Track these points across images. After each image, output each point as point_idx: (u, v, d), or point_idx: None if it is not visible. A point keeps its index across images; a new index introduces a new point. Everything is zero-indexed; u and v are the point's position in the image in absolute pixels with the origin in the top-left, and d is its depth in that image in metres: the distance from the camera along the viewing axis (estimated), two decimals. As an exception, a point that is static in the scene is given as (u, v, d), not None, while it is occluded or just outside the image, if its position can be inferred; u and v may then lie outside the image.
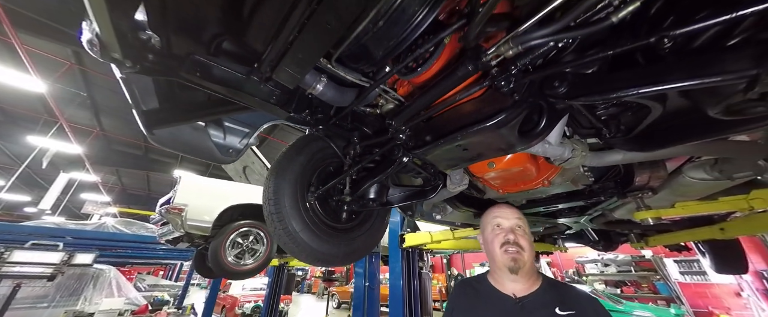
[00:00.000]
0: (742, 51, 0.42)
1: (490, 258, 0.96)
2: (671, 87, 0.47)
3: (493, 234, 0.95)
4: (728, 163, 1.01)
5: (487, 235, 0.98)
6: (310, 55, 0.64)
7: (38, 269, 3.44)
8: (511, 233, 0.92)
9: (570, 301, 0.82)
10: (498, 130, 0.71)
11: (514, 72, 0.64)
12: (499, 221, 0.96)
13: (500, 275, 0.92)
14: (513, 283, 0.90)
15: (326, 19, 0.54)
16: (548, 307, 0.81)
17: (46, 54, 7.09)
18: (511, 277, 0.89)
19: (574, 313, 0.78)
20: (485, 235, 0.99)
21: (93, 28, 0.57)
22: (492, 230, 0.96)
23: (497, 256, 0.91)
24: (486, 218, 1.01)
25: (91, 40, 0.58)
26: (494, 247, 0.93)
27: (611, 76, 0.58)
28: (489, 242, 0.95)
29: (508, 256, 0.89)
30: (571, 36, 0.50)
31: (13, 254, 3.31)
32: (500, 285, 0.92)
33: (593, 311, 0.80)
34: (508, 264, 0.88)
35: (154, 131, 1.01)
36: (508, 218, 0.96)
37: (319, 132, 1.10)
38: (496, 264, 0.92)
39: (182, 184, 3.03)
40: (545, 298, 0.85)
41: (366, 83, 0.80)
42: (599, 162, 0.94)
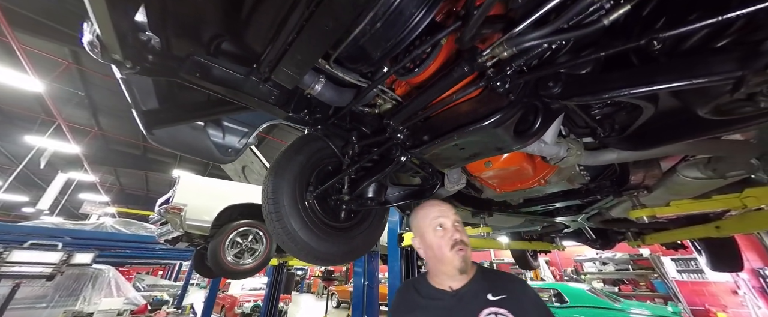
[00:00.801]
0: (729, 53, 0.43)
1: (436, 261, 0.92)
2: (661, 88, 0.48)
3: (438, 237, 0.92)
4: (721, 162, 1.03)
5: (430, 239, 0.93)
6: (309, 57, 0.65)
7: (37, 269, 3.44)
8: (456, 231, 0.91)
9: (501, 286, 0.86)
10: (494, 130, 0.72)
11: (510, 73, 0.65)
12: (441, 221, 0.94)
13: (446, 276, 0.90)
14: (454, 279, 0.90)
15: (324, 22, 0.55)
16: (481, 295, 0.84)
17: (43, 53, 7.06)
18: (458, 276, 0.89)
19: (505, 297, 0.82)
20: (428, 239, 0.94)
21: (94, 30, 0.58)
22: (435, 231, 0.93)
23: (448, 258, 0.89)
24: (424, 221, 0.96)
25: (91, 42, 0.59)
26: (444, 251, 0.89)
27: (604, 77, 0.59)
28: (436, 246, 0.91)
29: (459, 256, 0.88)
30: (565, 38, 0.51)
31: (12, 254, 3.31)
32: (440, 283, 0.91)
33: (522, 292, 0.85)
34: (460, 265, 0.87)
35: (153, 131, 1.02)
36: (448, 215, 0.94)
37: (317, 132, 1.11)
38: (445, 267, 0.90)
39: (181, 184, 3.03)
40: (478, 287, 0.87)
41: (364, 84, 0.81)
42: (594, 161, 0.96)
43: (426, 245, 0.95)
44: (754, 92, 0.48)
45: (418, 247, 1.00)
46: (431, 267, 0.96)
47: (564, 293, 6.22)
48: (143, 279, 10.46)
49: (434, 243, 0.92)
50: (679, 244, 2.96)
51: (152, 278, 12.40)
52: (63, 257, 3.62)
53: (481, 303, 0.82)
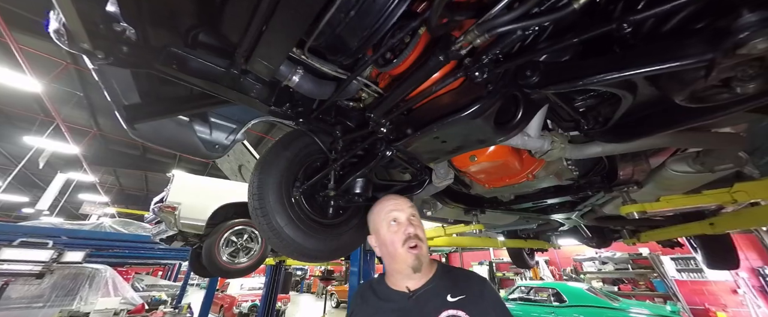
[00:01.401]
0: (699, 36, 0.42)
1: (389, 258, 0.87)
2: (633, 73, 0.47)
3: (391, 232, 0.86)
4: (709, 156, 1.01)
5: (384, 235, 0.87)
6: (282, 45, 0.64)
7: (27, 267, 3.42)
8: (409, 225, 0.86)
9: (461, 286, 0.81)
10: (473, 120, 0.71)
11: (486, 62, 0.64)
12: (395, 215, 0.88)
13: (401, 275, 0.85)
14: (411, 279, 0.84)
15: (294, 6, 0.54)
16: (440, 296, 0.79)
17: (41, 54, 7.06)
18: (413, 275, 0.84)
19: (465, 297, 0.77)
20: (382, 235, 0.88)
21: (60, 18, 0.57)
22: (389, 227, 0.87)
23: (401, 256, 0.83)
24: (378, 216, 0.91)
25: (58, 30, 0.58)
26: (396, 247, 0.84)
27: (580, 64, 0.58)
28: (389, 242, 0.86)
29: (412, 254, 0.83)
30: (536, 23, 0.50)
31: (1, 252, 3.29)
32: (395, 283, 0.86)
33: (481, 292, 0.80)
34: (413, 263, 0.82)
35: (135, 125, 1.01)
36: (403, 209, 0.89)
37: (301, 126, 1.10)
38: (398, 265, 0.84)
39: (175, 182, 3.03)
40: (437, 287, 0.82)
41: (343, 75, 0.80)
42: (579, 154, 0.94)
43: (380, 241, 0.90)
44: (730, 77, 0.47)
45: (374, 246, 0.93)
46: (387, 266, 0.90)
47: (563, 292, 6.20)
48: (142, 280, 10.46)
49: (387, 239, 0.86)
50: (675, 242, 2.95)
51: (152, 278, 12.39)
52: (53, 255, 3.59)
53: (439, 304, 0.77)
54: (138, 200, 18.71)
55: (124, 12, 0.69)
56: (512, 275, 11.63)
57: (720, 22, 0.42)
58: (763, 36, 0.36)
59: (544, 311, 6.13)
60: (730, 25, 0.38)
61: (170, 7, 0.71)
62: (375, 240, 0.93)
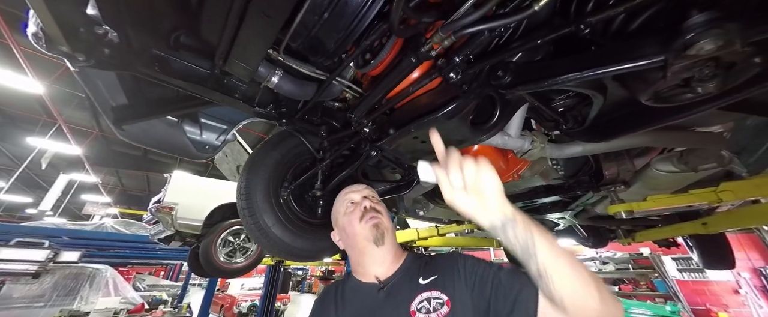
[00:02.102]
0: (653, 37, 0.43)
1: (351, 244, 0.82)
2: (593, 74, 0.47)
3: (348, 213, 0.83)
4: (693, 155, 1.02)
5: (341, 219, 0.84)
6: (257, 47, 0.65)
7: (23, 266, 3.47)
8: (365, 200, 0.83)
9: (432, 267, 0.75)
10: (448, 121, 0.72)
11: (458, 62, 0.64)
12: (350, 197, 0.86)
13: (368, 261, 0.79)
14: (379, 264, 0.78)
15: (263, 9, 0.55)
16: (412, 281, 0.73)
17: (43, 55, 7.12)
18: (377, 253, 0.78)
19: (437, 277, 0.71)
20: (340, 222, 0.85)
21: (37, 21, 0.58)
22: (346, 210, 0.84)
23: (358, 232, 0.79)
24: (336, 206, 0.89)
25: (36, 33, 0.59)
26: (353, 226, 0.80)
27: (548, 65, 0.59)
28: (347, 224, 0.82)
29: (369, 225, 0.78)
30: (498, 24, 0.50)
31: None
32: (364, 274, 0.79)
33: (453, 266, 0.72)
34: (372, 234, 0.77)
35: (123, 126, 1.02)
36: (358, 190, 0.87)
37: (286, 127, 1.11)
38: (359, 245, 0.79)
39: (172, 183, 3.05)
40: (408, 272, 0.76)
41: (322, 76, 0.81)
42: (560, 154, 0.95)
43: (340, 229, 0.85)
44: (689, 77, 0.47)
45: (337, 240, 0.89)
46: (352, 259, 0.84)
47: (562, 292, 6.18)
48: (144, 279, 10.52)
49: (345, 222, 0.82)
50: (672, 242, 2.93)
51: (153, 278, 12.46)
52: (49, 254, 3.64)
53: (411, 291, 0.70)
54: (140, 200, 18.82)
55: (104, 15, 0.70)
56: (512, 275, 11.59)
57: (674, 22, 0.43)
58: (710, 36, 0.36)
59: (543, 311, 6.10)
60: (680, 26, 0.39)
61: (149, 10, 0.72)
62: (337, 231, 0.88)
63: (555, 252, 0.51)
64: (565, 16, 0.53)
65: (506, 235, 0.54)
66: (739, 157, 1.20)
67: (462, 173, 0.54)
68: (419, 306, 0.66)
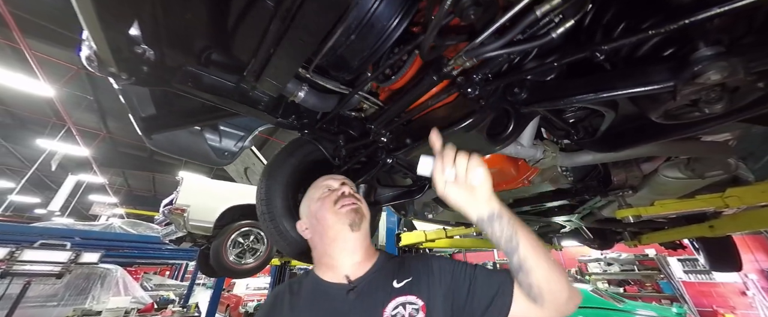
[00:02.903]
0: (665, 64, 0.47)
1: (321, 231, 0.74)
2: (607, 96, 0.51)
3: (322, 198, 0.76)
4: (700, 162, 1.05)
5: (314, 206, 0.76)
6: (289, 67, 0.69)
7: (47, 267, 3.58)
8: (344, 186, 0.78)
9: (406, 268, 0.70)
10: (466, 133, 0.76)
11: (477, 80, 0.69)
12: (328, 183, 0.80)
13: (337, 244, 0.72)
14: (350, 254, 0.71)
15: (299, 35, 0.60)
16: (387, 283, 0.67)
17: (53, 60, 7.27)
18: (350, 239, 0.71)
19: (411, 279, 0.67)
20: (312, 208, 0.77)
21: (90, 46, 0.63)
22: (321, 195, 0.77)
23: (331, 216, 0.72)
24: (309, 193, 0.82)
25: (89, 57, 0.65)
26: (326, 210, 0.73)
27: (564, 84, 0.63)
28: (319, 209, 0.75)
29: (346, 209, 0.72)
30: (519, 50, 0.55)
31: (23, 253, 3.45)
32: (331, 268, 0.71)
33: (427, 267, 0.69)
34: (349, 218, 0.71)
35: (152, 136, 1.08)
36: (337, 178, 0.82)
37: (306, 136, 1.16)
38: (331, 231, 0.72)
39: (185, 185, 3.12)
40: (382, 273, 0.70)
41: (345, 91, 0.86)
42: (571, 162, 0.99)
43: (309, 215, 0.77)
44: (697, 99, 0.51)
45: (304, 229, 0.80)
46: (317, 251, 0.76)
47: (567, 293, 6.17)
48: (151, 279, 10.67)
49: (317, 207, 0.75)
50: (678, 244, 2.95)
51: (159, 278, 12.62)
52: (71, 256, 3.75)
53: (385, 295, 0.64)
54: (146, 201, 19.04)
55: (144, 35, 0.75)
56: (516, 276, 11.57)
57: (683, 51, 0.47)
58: (716, 68, 0.40)
59: (548, 312, 6.10)
60: (689, 58, 0.43)
61: (187, 30, 0.77)
62: (305, 221, 0.80)
63: (535, 246, 0.56)
64: (580, 42, 0.57)
65: (492, 228, 0.57)
66: (745, 163, 1.23)
67: (455, 167, 0.57)
68: (394, 312, 0.61)
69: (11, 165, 14.15)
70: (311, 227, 0.78)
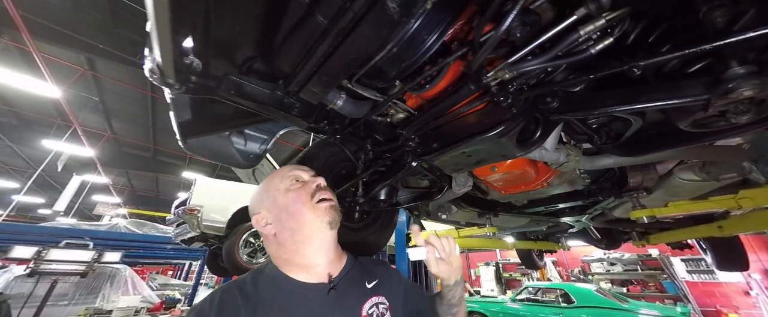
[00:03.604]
0: (698, 79, 0.51)
1: (294, 228, 0.68)
2: (641, 107, 0.56)
3: (293, 190, 0.71)
4: (714, 165, 1.09)
5: (282, 199, 0.70)
6: (334, 79, 0.74)
7: (72, 266, 3.65)
8: (316, 178, 0.75)
9: (371, 270, 0.77)
10: (499, 139, 0.80)
11: (512, 90, 0.73)
12: (297, 173, 0.76)
13: (312, 243, 0.68)
14: (326, 252, 0.70)
15: (349, 51, 0.64)
16: (360, 284, 0.70)
17: (61, 61, 7.34)
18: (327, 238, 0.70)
19: (378, 281, 0.73)
20: (280, 200, 0.70)
21: (154, 59, 0.68)
22: (290, 187, 0.72)
23: (309, 214, 0.68)
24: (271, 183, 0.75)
25: (152, 69, 0.69)
26: (302, 206, 0.68)
27: (595, 95, 0.67)
28: (292, 203, 0.69)
29: (325, 205, 0.70)
30: (558, 64, 0.59)
31: (49, 252, 3.53)
32: (303, 268, 0.67)
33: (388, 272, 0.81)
34: (329, 215, 0.69)
35: (187, 140, 1.12)
36: (306, 170, 0.79)
37: (336, 141, 1.20)
38: (306, 229, 0.68)
39: (198, 186, 3.17)
40: (355, 274, 0.72)
41: (380, 98, 0.90)
42: (592, 166, 1.03)
43: (277, 209, 0.69)
44: (725, 110, 0.55)
45: (265, 224, 0.70)
46: (284, 248, 0.69)
47: (571, 293, 6.21)
48: (155, 279, 10.74)
49: (289, 200, 0.69)
50: (685, 244, 2.98)
51: (163, 277, 12.69)
52: (95, 256, 3.81)
53: (362, 293, 0.67)
54: (148, 201, 19.13)
55: (195, 46, 0.80)
56: (519, 276, 11.61)
57: (717, 67, 0.51)
58: (748, 86, 0.44)
59: (552, 312, 6.15)
60: (723, 74, 0.47)
61: (232, 43, 0.82)
62: (266, 215, 0.71)
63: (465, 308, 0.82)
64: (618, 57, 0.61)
65: (456, 288, 0.79)
66: (756, 165, 1.27)
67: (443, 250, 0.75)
68: (370, 310, 0.64)
69: (15, 165, 14.23)
70: (278, 222, 0.70)
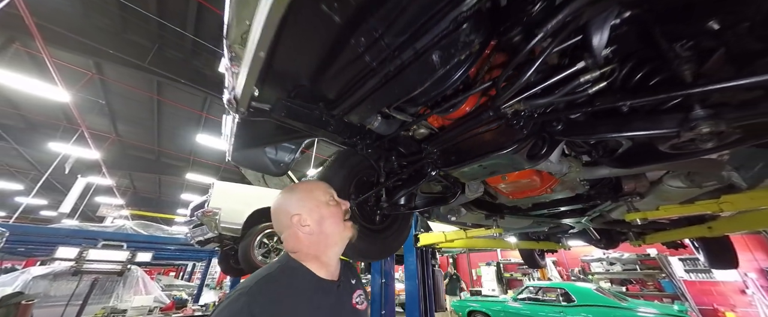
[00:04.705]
0: (672, 115, 0.67)
1: (326, 234, 0.85)
2: (628, 135, 0.71)
3: (332, 206, 0.88)
4: (698, 175, 1.25)
5: (325, 212, 0.86)
6: (376, 108, 0.90)
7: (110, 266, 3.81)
8: (343, 201, 0.93)
9: (351, 270, 0.93)
10: (513, 155, 0.96)
11: (524, 116, 0.89)
12: (333, 192, 0.93)
13: (333, 251, 0.86)
14: (337, 261, 0.88)
15: (393, 88, 0.80)
16: (348, 280, 0.87)
17: (70, 65, 7.49)
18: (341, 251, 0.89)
19: (356, 280, 0.91)
20: (323, 212, 0.86)
21: (233, 91, 0.83)
22: (328, 201, 0.89)
23: (341, 231, 0.87)
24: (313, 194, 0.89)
25: (229, 100, 0.84)
26: (338, 222, 0.87)
27: (593, 121, 0.83)
28: (330, 216, 0.86)
29: (350, 224, 0.90)
30: (563, 100, 0.74)
31: (89, 252, 3.70)
32: (322, 267, 0.82)
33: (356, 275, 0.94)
34: (352, 234, 0.89)
35: (235, 154, 1.28)
36: (331, 190, 0.94)
37: (367, 154, 1.35)
38: (333, 239, 0.86)
39: (215, 190, 3.32)
40: (345, 272, 0.89)
41: (409, 119, 1.06)
42: (591, 175, 1.19)
43: (320, 218, 0.85)
44: (694, 138, 0.71)
45: (306, 224, 0.84)
46: (316, 248, 0.84)
47: (571, 292, 6.35)
48: (160, 280, 10.86)
49: (328, 214, 0.86)
50: (679, 244, 3.14)
51: (168, 278, 12.80)
52: (129, 255, 3.98)
53: (351, 287, 0.86)
54: (150, 202, 19.23)
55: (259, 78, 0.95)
56: (520, 276, 11.76)
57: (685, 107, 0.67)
58: (706, 125, 0.60)
59: (553, 310, 6.29)
60: (689, 114, 0.63)
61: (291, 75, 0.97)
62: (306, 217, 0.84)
63: None
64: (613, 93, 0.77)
65: None
66: (738, 173, 1.43)
67: None
68: (357, 299, 0.86)
69: (18, 167, 14.33)
70: (317, 226, 0.84)
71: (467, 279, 13.03)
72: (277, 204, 0.91)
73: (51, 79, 6.68)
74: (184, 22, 6.85)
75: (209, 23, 6.94)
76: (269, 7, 0.51)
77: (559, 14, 0.55)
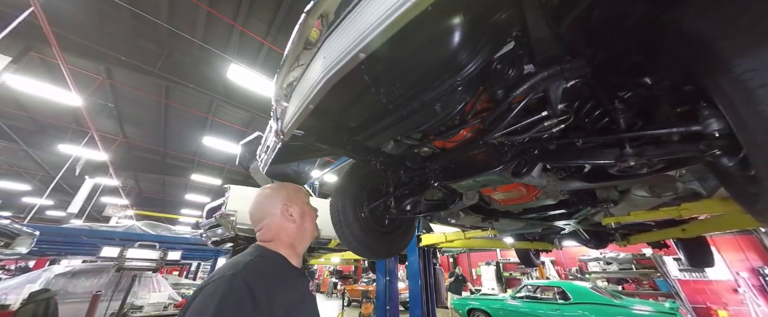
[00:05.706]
0: (612, 149, 0.91)
1: (302, 233, 1.02)
2: (582, 162, 0.95)
3: (310, 209, 1.09)
4: (657, 186, 1.49)
5: (306, 208, 1.07)
6: (391, 137, 1.14)
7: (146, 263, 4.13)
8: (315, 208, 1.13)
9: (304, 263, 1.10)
10: (500, 173, 1.20)
11: (507, 144, 1.13)
12: (309, 199, 1.14)
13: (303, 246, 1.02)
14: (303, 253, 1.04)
15: (406, 124, 1.04)
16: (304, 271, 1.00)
17: (81, 71, 7.75)
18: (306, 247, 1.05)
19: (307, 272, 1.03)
20: (304, 209, 1.06)
21: (280, 124, 1.07)
22: (306, 204, 1.10)
23: (313, 229, 1.07)
24: (301, 194, 1.11)
25: (277, 131, 1.08)
26: (313, 221, 1.09)
27: (560, 149, 1.07)
28: (308, 214, 1.07)
29: (316, 226, 1.11)
30: (536, 136, 0.98)
31: (128, 252, 4.02)
32: (294, 257, 0.97)
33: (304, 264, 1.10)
34: (318, 232, 1.10)
35: (268, 168, 1.52)
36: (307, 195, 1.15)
37: (379, 169, 1.59)
38: (306, 235, 1.04)
39: (232, 193, 3.56)
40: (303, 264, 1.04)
41: (416, 143, 1.30)
42: (566, 187, 1.43)
43: (302, 213, 1.05)
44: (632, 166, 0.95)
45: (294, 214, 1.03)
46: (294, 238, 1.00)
47: (567, 291, 6.57)
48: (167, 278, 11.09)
49: (307, 211, 1.07)
50: (663, 244, 3.38)
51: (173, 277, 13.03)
52: (161, 255, 4.28)
53: (306, 276, 0.97)
54: (155, 202, 19.49)
55: (294, 113, 1.19)
56: (519, 275, 12.00)
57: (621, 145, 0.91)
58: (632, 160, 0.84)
59: (550, 308, 6.51)
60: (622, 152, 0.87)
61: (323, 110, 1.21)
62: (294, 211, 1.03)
63: None
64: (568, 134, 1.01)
65: None
66: (700, 183, 1.67)
67: None
68: (312, 286, 0.99)
69: (26, 168, 14.59)
70: (300, 220, 1.04)
71: (468, 278, 13.27)
72: (265, 194, 1.06)
73: (64, 83, 6.92)
74: (194, 29, 7.11)
75: (218, 32, 7.21)
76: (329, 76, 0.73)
77: (524, 84, 0.80)
